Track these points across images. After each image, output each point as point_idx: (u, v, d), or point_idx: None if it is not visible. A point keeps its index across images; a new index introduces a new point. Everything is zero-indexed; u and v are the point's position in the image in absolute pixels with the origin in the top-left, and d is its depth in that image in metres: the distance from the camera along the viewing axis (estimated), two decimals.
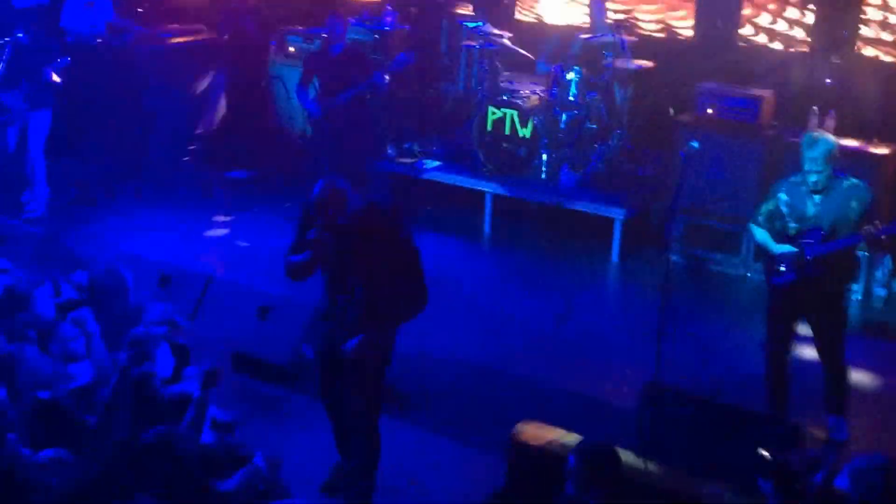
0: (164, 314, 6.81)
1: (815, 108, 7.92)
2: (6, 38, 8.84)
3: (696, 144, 6.93)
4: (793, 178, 5.80)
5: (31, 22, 9.15)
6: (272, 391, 6.57)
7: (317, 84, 8.88)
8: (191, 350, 5.94)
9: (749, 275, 8.14)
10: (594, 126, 9.16)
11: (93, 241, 8.78)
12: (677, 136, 8.26)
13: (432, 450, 6.01)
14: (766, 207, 5.86)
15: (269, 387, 6.58)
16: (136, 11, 10.93)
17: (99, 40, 10.05)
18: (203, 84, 10.72)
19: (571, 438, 5.17)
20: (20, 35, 8.78)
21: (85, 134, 9.88)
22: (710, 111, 8.34)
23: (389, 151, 9.76)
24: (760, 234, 5.89)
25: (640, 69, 9.14)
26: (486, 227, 9.23)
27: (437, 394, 6.55)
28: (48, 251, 8.21)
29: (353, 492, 5.32)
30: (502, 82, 9.72)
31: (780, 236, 5.78)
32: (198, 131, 10.76)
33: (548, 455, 5.09)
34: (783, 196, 5.78)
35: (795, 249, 5.69)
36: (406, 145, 9.83)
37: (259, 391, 6.52)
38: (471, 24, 9.89)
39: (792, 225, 5.75)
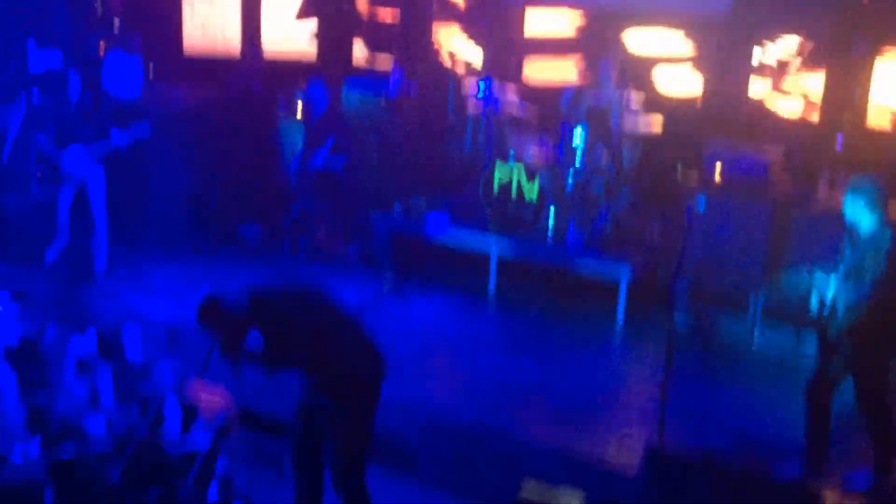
0: (173, 370, 6.87)
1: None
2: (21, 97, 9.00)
3: (702, 203, 6.98)
4: None
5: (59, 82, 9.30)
6: (278, 448, 6.53)
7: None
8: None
9: (756, 336, 8.11)
10: (601, 185, 9.20)
11: (100, 297, 8.83)
12: (685, 195, 8.30)
13: None
14: None
15: (275, 443, 6.55)
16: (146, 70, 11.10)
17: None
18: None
19: (576, 500, 5.15)
20: (36, 95, 8.92)
21: None
22: (718, 169, 8.38)
23: (396, 208, 9.81)
24: None
25: (648, 127, 9.21)
26: (491, 287, 9.23)
27: (440, 453, 6.51)
28: (65, 306, 8.30)
29: None
30: (509, 141, 9.79)
31: None
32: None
33: None
34: None
35: None
36: (413, 203, 9.87)
37: (265, 447, 6.49)
38: (480, 85, 9.99)
39: None
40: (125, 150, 8.95)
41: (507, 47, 10.90)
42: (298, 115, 10.62)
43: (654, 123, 9.32)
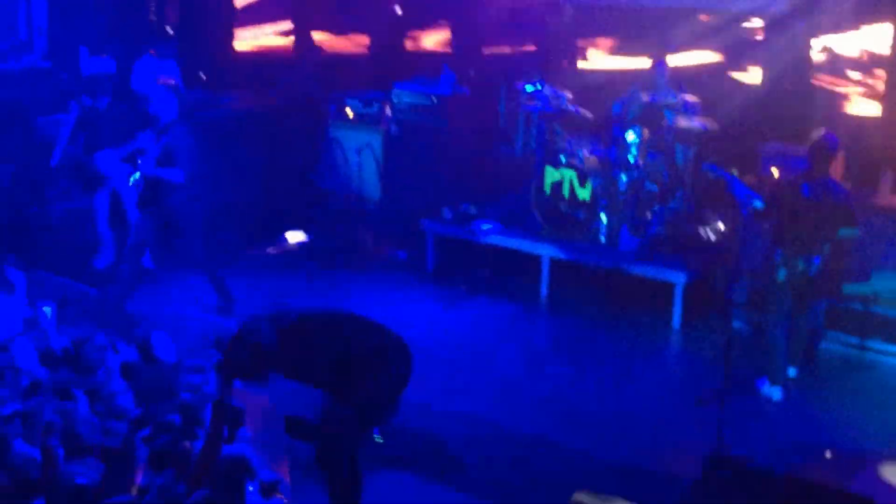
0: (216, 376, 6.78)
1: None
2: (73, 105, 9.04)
3: (759, 204, 6.75)
4: None
5: (101, 89, 9.34)
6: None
7: None
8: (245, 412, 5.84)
9: (816, 341, 7.82)
10: (655, 187, 8.98)
11: (148, 302, 8.82)
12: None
13: None
14: None
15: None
16: (199, 77, 11.12)
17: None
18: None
19: None
20: (85, 102, 8.94)
21: None
22: (774, 171, 8.13)
23: (445, 214, 9.67)
24: None
25: (704, 129, 8.97)
26: (543, 291, 9.04)
27: (491, 461, 6.35)
28: (106, 311, 8.29)
29: None
30: (561, 144, 9.62)
31: None
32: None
33: None
34: None
35: None
36: (462, 208, 9.73)
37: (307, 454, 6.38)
38: (529, 88, 9.83)
39: None
40: (161, 154, 8.93)
41: (559, 49, 10.70)
42: (350, 116, 10.56)
43: (710, 125, 9.08)
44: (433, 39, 13.29)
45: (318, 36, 12.81)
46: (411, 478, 6.25)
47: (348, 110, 10.73)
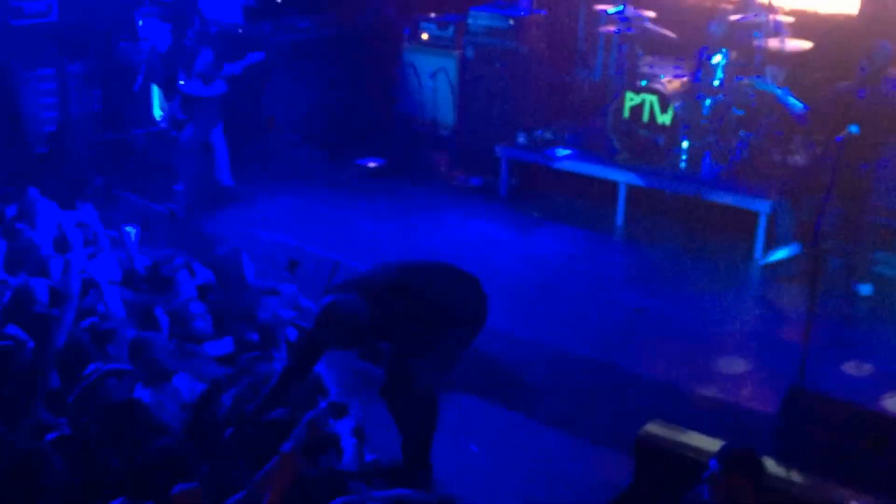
0: (292, 299, 6.82)
1: None
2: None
3: (855, 130, 6.47)
4: None
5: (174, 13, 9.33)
6: None
7: None
8: None
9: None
10: (741, 112, 8.64)
11: (225, 226, 8.89)
12: None
13: (556, 445, 5.78)
14: None
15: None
16: (275, 2, 11.01)
17: (239, 30, 10.16)
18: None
19: (705, 442, 4.86)
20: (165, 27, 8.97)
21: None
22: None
23: (520, 139, 9.49)
24: None
25: (796, 51, 8.55)
26: (619, 219, 8.83)
27: (561, 389, 6.30)
28: (185, 234, 8.39)
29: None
30: (642, 67, 9.31)
31: None
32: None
33: (679, 457, 4.82)
34: None
35: None
36: (537, 133, 9.52)
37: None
38: (611, 10, 9.48)
39: None
40: (241, 77, 8.91)
41: None
42: (425, 39, 10.37)
43: (802, 47, 8.65)
44: None
45: None
46: (482, 403, 6.23)
47: (423, 34, 10.53)
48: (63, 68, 10.04)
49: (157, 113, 9.24)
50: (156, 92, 9.18)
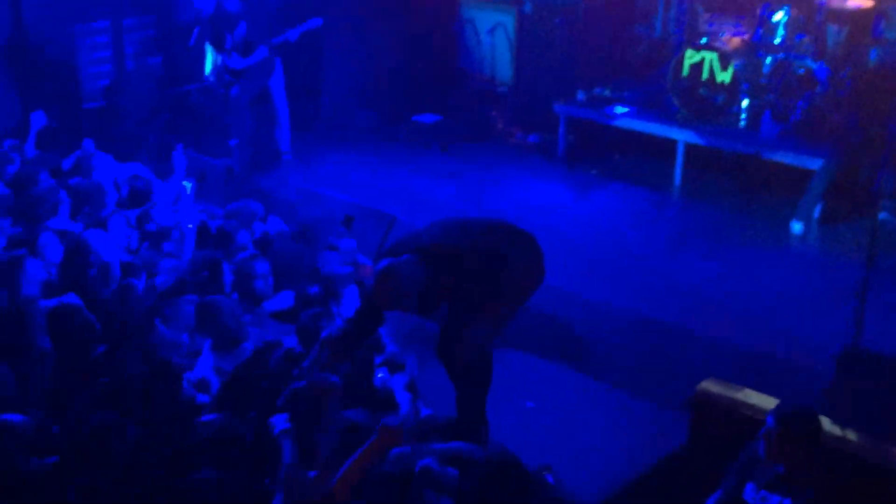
0: (349, 254, 6.90)
1: None
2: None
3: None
4: None
5: None
6: None
7: None
8: None
9: None
10: (802, 71, 8.53)
11: (282, 182, 9.00)
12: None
13: (611, 403, 5.85)
14: None
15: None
16: None
17: None
18: None
19: (761, 399, 4.91)
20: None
21: None
22: None
23: (579, 97, 9.46)
24: None
25: (858, 9, 8.40)
26: (677, 178, 8.79)
27: (616, 347, 6.34)
28: (241, 190, 8.51)
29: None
30: (702, 24, 9.20)
31: None
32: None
33: (735, 415, 4.88)
34: None
35: None
36: (596, 91, 9.49)
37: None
38: None
39: None
40: (298, 41, 8.95)
41: None
42: None
43: (864, 4, 8.49)
44: None
45: None
46: (539, 360, 6.30)
47: None
48: (119, 23, 10.16)
49: (208, 68, 9.29)
50: (208, 48, 9.24)
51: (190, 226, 6.71)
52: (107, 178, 7.74)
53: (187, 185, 7.65)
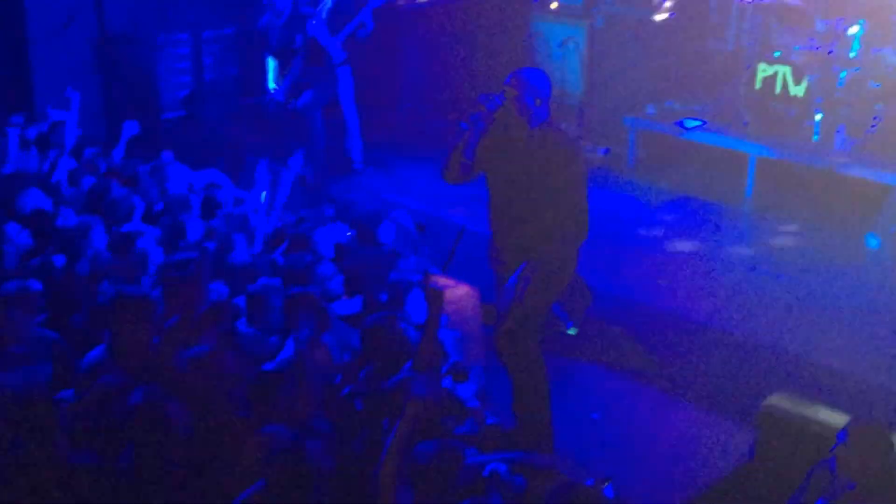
0: (419, 263, 6.99)
1: None
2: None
3: None
4: None
5: None
6: None
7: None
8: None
9: None
10: (878, 85, 8.41)
11: (355, 191, 9.13)
12: None
13: (677, 414, 5.83)
14: None
15: None
16: None
17: None
18: None
19: (830, 415, 4.83)
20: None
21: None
22: None
23: (649, 110, 9.44)
24: None
25: None
26: (748, 192, 8.73)
27: (683, 358, 6.31)
28: (315, 199, 8.64)
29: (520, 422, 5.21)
30: (776, 38, 9.13)
31: None
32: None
33: (804, 430, 4.81)
34: None
35: None
36: (667, 104, 9.46)
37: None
38: None
39: None
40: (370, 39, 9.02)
41: None
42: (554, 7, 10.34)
43: None
44: None
45: None
46: (605, 372, 6.31)
47: (553, 2, 10.53)
48: (198, 34, 10.40)
49: (271, 82, 9.42)
50: (271, 61, 9.39)
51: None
52: (181, 186, 7.92)
53: (262, 194, 7.78)
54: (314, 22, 8.75)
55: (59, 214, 6.86)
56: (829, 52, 8.58)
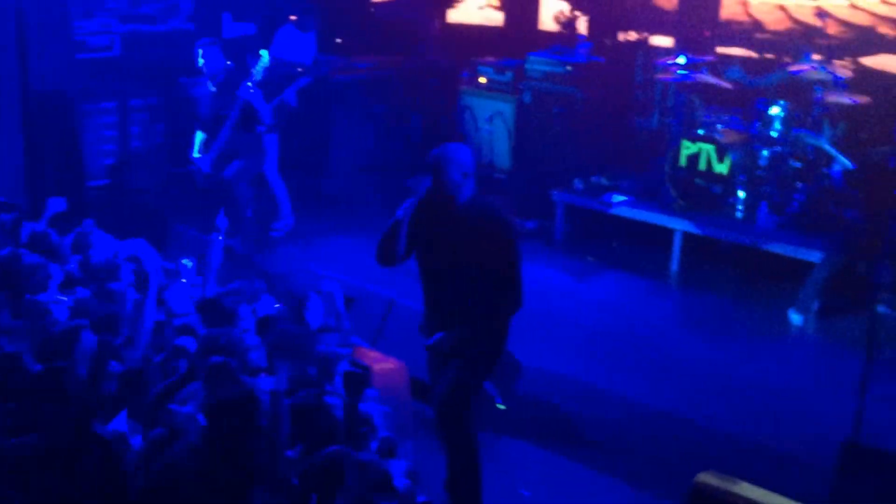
0: (346, 336, 6.89)
1: None
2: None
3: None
4: None
5: (240, 50, 9.50)
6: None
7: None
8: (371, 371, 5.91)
9: None
10: (798, 164, 8.64)
11: (283, 262, 9.02)
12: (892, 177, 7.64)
13: (607, 492, 5.77)
14: None
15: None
16: (335, 43, 11.22)
17: (299, 69, 10.36)
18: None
19: (759, 494, 4.82)
20: (230, 64, 9.08)
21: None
22: None
23: (576, 185, 9.56)
24: None
25: (856, 105, 8.54)
26: (674, 267, 8.85)
27: (614, 435, 6.28)
28: (242, 269, 8.50)
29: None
30: (699, 116, 9.36)
31: None
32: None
33: None
34: None
35: None
36: (593, 179, 9.59)
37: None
38: (671, 62, 9.48)
39: None
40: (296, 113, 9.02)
41: (702, 21, 10.36)
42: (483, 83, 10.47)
43: (861, 100, 8.64)
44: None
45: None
46: (534, 448, 6.24)
47: (481, 77, 10.68)
48: (124, 102, 10.28)
49: (196, 151, 9.29)
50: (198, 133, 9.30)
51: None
52: (106, 255, 7.73)
53: (188, 263, 7.64)
54: (250, 86, 8.67)
55: None
56: (752, 132, 8.81)
